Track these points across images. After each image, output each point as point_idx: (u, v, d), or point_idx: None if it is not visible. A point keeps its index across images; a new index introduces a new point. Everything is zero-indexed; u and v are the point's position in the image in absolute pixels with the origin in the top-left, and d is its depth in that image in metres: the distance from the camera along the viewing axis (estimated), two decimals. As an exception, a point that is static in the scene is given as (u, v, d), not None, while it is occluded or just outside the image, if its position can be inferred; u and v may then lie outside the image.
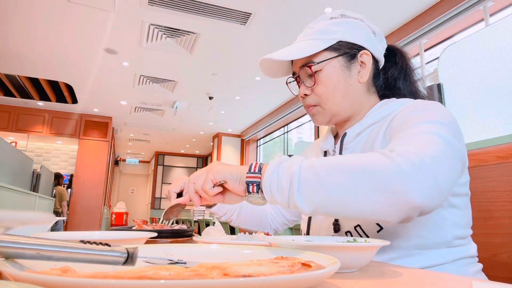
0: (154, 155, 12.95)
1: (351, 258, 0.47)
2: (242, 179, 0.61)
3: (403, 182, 0.53)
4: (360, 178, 0.54)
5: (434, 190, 0.54)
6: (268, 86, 6.11)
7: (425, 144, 0.58)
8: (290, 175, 0.57)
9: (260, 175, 0.60)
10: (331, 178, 0.55)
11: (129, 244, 0.44)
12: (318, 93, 0.81)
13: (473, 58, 2.23)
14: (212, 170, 0.64)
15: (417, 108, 0.71)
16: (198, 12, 4.01)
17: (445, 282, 0.42)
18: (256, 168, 0.61)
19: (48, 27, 4.40)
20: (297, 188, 0.56)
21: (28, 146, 8.00)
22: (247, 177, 0.60)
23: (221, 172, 0.63)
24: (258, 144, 9.42)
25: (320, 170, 0.56)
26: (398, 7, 3.85)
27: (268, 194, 0.59)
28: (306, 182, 0.56)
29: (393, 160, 0.54)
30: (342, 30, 0.81)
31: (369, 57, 0.82)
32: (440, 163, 0.56)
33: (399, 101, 0.81)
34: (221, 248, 0.50)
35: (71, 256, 0.31)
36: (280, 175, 0.58)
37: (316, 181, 0.56)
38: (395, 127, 0.71)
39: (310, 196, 0.56)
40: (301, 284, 0.28)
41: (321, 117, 0.84)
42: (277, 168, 0.58)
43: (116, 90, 6.59)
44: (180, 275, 0.28)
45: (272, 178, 0.58)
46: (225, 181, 0.63)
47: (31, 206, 4.10)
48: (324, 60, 0.79)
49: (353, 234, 0.74)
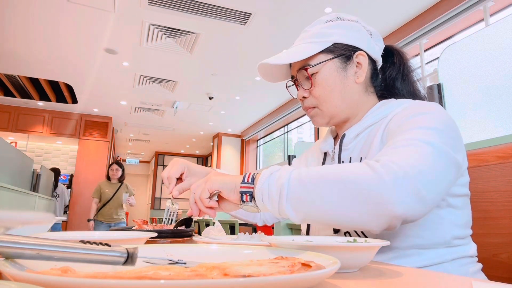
0: (154, 155, 12.95)
1: (351, 258, 0.47)
2: (236, 189, 0.65)
3: (384, 193, 0.55)
4: (344, 190, 0.56)
5: (416, 200, 0.55)
6: (268, 86, 6.11)
7: (412, 154, 0.59)
8: (280, 186, 0.60)
9: (253, 185, 0.63)
10: (318, 190, 0.58)
11: (129, 244, 0.44)
12: (316, 95, 0.82)
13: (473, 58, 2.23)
14: (208, 181, 0.68)
15: (413, 112, 0.71)
16: (198, 12, 4.01)
17: (445, 282, 0.42)
18: (249, 178, 0.64)
19: (48, 27, 4.40)
20: (286, 199, 0.59)
21: (28, 146, 8.00)
22: (241, 187, 0.64)
23: (216, 182, 0.67)
24: (258, 144, 9.42)
25: (307, 182, 0.59)
26: (398, 7, 3.85)
27: (260, 203, 0.62)
28: (294, 194, 0.59)
29: (376, 171, 0.56)
30: (337, 32, 0.82)
31: (365, 58, 0.82)
32: (425, 174, 0.57)
33: (398, 101, 0.81)
34: (221, 248, 0.50)
35: (71, 256, 0.31)
36: (271, 186, 0.61)
37: (304, 193, 0.59)
38: (391, 130, 0.72)
39: (298, 207, 0.59)
40: (301, 284, 0.28)
41: (319, 119, 0.85)
42: (267, 179, 0.62)
43: (116, 90, 6.59)
44: (180, 275, 0.28)
45: (263, 189, 0.61)
46: (219, 191, 0.67)
47: (31, 206, 4.10)
48: (319, 63, 0.81)
49: (352, 235, 0.74)
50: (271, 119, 7.67)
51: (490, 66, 2.13)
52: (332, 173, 0.59)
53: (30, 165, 4.97)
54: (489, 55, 2.15)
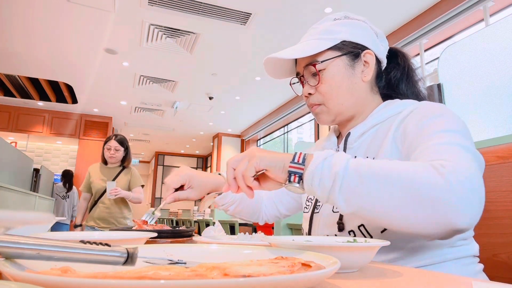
0: (154, 155, 12.95)
1: (351, 258, 0.47)
2: (285, 168, 0.61)
3: (453, 205, 0.51)
4: (406, 190, 0.53)
5: (478, 212, 0.53)
6: (268, 86, 6.11)
7: (467, 162, 0.56)
8: (334, 174, 0.57)
9: (303, 166, 0.60)
10: (376, 185, 0.54)
11: (129, 244, 0.44)
12: (322, 92, 0.82)
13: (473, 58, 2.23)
14: (255, 157, 0.62)
15: (431, 114, 0.70)
16: (198, 12, 4.01)
17: (445, 282, 0.42)
18: (300, 158, 0.60)
19: (48, 27, 4.40)
20: (339, 189, 0.56)
21: (28, 146, 7.99)
22: (290, 167, 0.60)
23: (264, 159, 0.62)
24: (258, 144, 9.42)
25: (365, 174, 0.55)
26: (398, 7, 3.85)
27: (309, 187, 0.59)
28: (349, 184, 0.56)
29: (445, 179, 0.52)
30: (346, 30, 0.82)
31: (372, 57, 0.83)
32: (480, 184, 0.55)
33: (403, 102, 0.81)
34: (221, 248, 0.50)
35: (71, 256, 0.31)
36: (324, 171, 0.57)
37: (360, 186, 0.55)
38: (409, 133, 0.70)
39: (351, 199, 0.56)
40: (301, 284, 0.28)
41: (325, 116, 0.84)
42: (321, 164, 0.58)
43: (116, 90, 6.59)
44: (180, 275, 0.28)
45: (315, 173, 0.58)
46: (266, 169, 0.62)
47: (31, 206, 4.10)
48: (328, 59, 0.80)
49: (356, 234, 0.74)
50: (271, 119, 7.67)
51: (490, 66, 2.13)
52: (394, 170, 0.55)
53: (30, 165, 4.97)
54: (489, 55, 2.15)
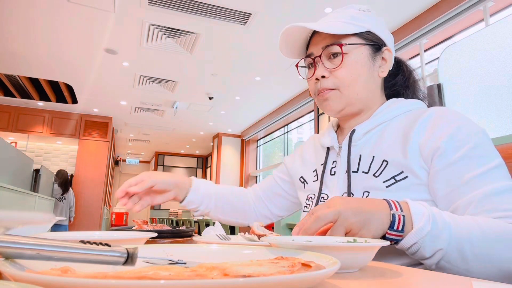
0: (154, 155, 12.95)
1: (351, 258, 0.47)
2: (382, 231, 0.58)
3: None
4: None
5: None
6: (268, 86, 6.11)
7: None
8: (435, 248, 0.57)
9: (403, 234, 0.58)
10: (477, 264, 0.57)
11: (129, 244, 0.44)
12: (340, 76, 0.79)
13: (473, 58, 2.23)
14: (347, 220, 0.56)
15: (472, 144, 0.68)
16: (198, 12, 4.01)
17: (445, 282, 0.42)
18: (399, 225, 0.57)
19: (48, 27, 4.40)
20: (438, 262, 0.58)
21: (28, 146, 8.00)
22: (387, 233, 0.58)
23: (358, 224, 0.56)
24: (258, 144, 9.42)
25: (469, 253, 0.57)
26: (398, 7, 3.85)
27: (402, 248, 0.59)
28: (449, 259, 0.58)
29: None
30: (371, 22, 0.83)
31: (390, 54, 0.84)
32: None
33: (408, 102, 0.82)
34: (221, 248, 0.50)
35: (71, 256, 0.31)
36: (425, 246, 0.57)
37: (460, 263, 0.58)
38: (441, 149, 0.68)
39: (448, 270, 0.58)
40: (301, 284, 0.28)
41: (336, 103, 0.81)
42: (422, 239, 0.57)
43: (116, 90, 6.59)
44: (180, 275, 0.28)
45: (414, 245, 0.58)
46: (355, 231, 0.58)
47: (31, 206, 4.10)
48: (354, 43, 0.79)
49: None
50: (271, 119, 7.67)
51: (490, 66, 2.13)
52: (493, 249, 0.57)
53: (30, 165, 4.98)
54: (489, 55, 2.15)
